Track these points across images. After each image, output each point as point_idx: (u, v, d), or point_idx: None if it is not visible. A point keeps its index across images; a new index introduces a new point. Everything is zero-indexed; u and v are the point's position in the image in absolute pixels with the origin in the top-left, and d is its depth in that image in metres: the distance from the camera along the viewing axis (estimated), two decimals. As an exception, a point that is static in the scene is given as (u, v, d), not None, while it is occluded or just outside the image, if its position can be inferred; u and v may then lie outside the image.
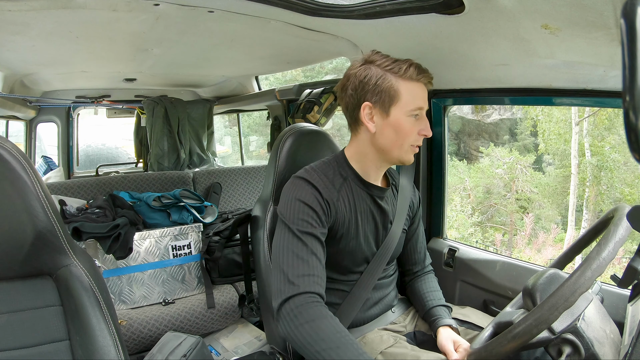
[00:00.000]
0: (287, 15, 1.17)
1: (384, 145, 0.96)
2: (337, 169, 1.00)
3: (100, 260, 1.70)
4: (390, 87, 0.92)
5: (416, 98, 0.94)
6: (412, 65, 0.93)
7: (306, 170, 0.98)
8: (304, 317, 0.81)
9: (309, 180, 0.94)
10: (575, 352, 0.68)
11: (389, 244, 1.04)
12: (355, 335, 1.04)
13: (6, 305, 0.76)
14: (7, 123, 2.86)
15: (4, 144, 0.75)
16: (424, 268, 1.20)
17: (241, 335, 1.82)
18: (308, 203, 0.92)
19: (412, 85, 0.93)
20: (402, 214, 1.08)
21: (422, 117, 0.97)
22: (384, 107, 0.93)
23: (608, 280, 0.88)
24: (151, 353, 1.55)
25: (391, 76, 0.92)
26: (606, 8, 0.68)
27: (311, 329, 0.79)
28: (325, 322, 0.80)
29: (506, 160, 10.87)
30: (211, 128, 3.11)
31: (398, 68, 0.92)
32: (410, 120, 0.94)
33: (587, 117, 9.69)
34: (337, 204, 0.96)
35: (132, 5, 1.13)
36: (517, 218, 10.78)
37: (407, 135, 0.95)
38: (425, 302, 1.10)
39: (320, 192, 0.93)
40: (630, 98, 0.39)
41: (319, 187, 0.93)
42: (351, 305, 1.01)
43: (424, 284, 1.16)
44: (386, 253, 1.04)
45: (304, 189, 0.93)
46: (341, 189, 0.98)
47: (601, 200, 9.66)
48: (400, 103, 0.93)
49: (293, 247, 0.88)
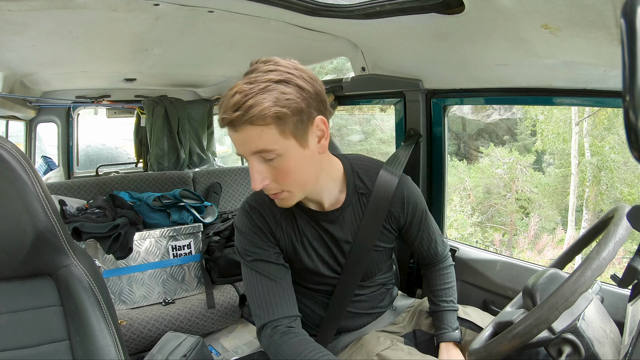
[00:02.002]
0: (287, 15, 1.17)
1: None
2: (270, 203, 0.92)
3: (100, 260, 1.70)
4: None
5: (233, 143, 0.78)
6: (222, 104, 0.73)
7: (248, 202, 0.93)
8: (275, 348, 0.85)
9: (247, 213, 0.91)
10: (575, 352, 0.68)
11: (353, 263, 0.96)
12: (351, 337, 1.04)
13: (6, 305, 0.76)
14: (7, 123, 2.86)
15: (4, 144, 0.75)
16: (438, 260, 1.12)
17: (241, 335, 1.82)
18: (247, 234, 0.91)
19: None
20: (369, 231, 0.95)
21: (251, 165, 0.77)
22: None
23: (608, 280, 0.88)
24: (151, 353, 1.55)
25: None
26: (606, 8, 0.68)
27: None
28: (292, 347, 0.84)
29: (506, 160, 10.87)
30: (211, 128, 3.11)
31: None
32: (249, 164, 0.78)
33: (587, 117, 9.69)
34: (276, 231, 0.92)
35: (132, 5, 1.13)
36: (517, 218, 10.78)
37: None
38: (437, 302, 1.07)
39: (257, 225, 0.90)
40: (630, 98, 0.39)
41: (255, 220, 0.90)
42: (334, 315, 1.01)
43: (437, 276, 1.10)
44: (355, 272, 0.97)
45: (242, 220, 0.92)
46: (283, 215, 0.92)
47: (601, 200, 9.66)
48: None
49: (251, 278, 0.90)
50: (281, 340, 0.85)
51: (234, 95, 0.70)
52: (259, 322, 0.88)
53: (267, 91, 0.70)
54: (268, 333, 0.87)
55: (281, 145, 0.73)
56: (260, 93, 0.70)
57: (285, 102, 0.71)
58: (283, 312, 0.88)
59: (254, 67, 0.75)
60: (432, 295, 1.09)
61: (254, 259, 0.90)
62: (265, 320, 0.87)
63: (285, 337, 0.85)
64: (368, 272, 1.00)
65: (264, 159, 0.75)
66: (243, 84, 0.72)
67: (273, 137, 0.72)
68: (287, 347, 0.83)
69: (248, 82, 0.72)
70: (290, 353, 0.82)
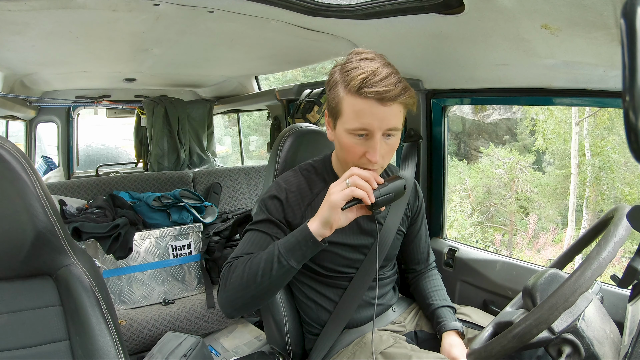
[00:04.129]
0: (287, 15, 1.17)
1: (338, 156, 0.94)
2: (322, 172, 1.00)
3: (100, 260, 1.70)
4: (334, 98, 0.84)
5: (357, 117, 0.81)
6: (362, 75, 0.79)
7: (279, 181, 0.99)
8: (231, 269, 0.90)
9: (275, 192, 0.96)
10: (575, 352, 0.68)
11: (380, 244, 1.02)
12: (354, 335, 1.04)
13: (6, 305, 0.76)
14: (7, 123, 2.87)
15: (4, 144, 0.75)
16: (427, 266, 1.19)
17: (241, 335, 1.82)
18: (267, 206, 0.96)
19: (355, 101, 0.80)
20: (395, 216, 1.04)
21: (371, 137, 0.82)
22: (333, 118, 0.88)
23: (608, 280, 0.88)
24: (151, 353, 1.55)
25: (340, 87, 0.83)
26: (606, 8, 0.68)
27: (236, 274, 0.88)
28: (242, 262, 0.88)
29: (506, 160, 10.86)
30: (211, 128, 3.11)
31: (349, 78, 0.80)
32: (352, 139, 0.83)
33: (587, 117, 9.69)
34: (305, 209, 0.95)
35: (132, 5, 1.13)
36: (517, 218, 10.78)
37: (349, 155, 0.86)
38: (431, 302, 1.10)
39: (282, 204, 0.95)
40: (630, 98, 0.39)
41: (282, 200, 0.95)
42: (347, 303, 1.01)
43: (428, 282, 1.15)
44: (379, 254, 1.02)
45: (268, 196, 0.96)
46: (320, 194, 0.96)
47: (601, 200, 9.65)
48: (342, 119, 0.84)
49: (248, 236, 0.94)
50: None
51: (389, 75, 0.79)
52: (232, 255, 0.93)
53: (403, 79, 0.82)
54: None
55: (401, 126, 0.85)
56: (403, 79, 0.82)
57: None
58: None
59: (370, 53, 0.85)
60: (427, 299, 1.12)
61: (264, 219, 0.93)
62: (236, 254, 0.92)
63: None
64: (388, 256, 1.06)
65: (386, 136, 0.84)
66: (381, 66, 0.80)
67: (401, 118, 0.84)
68: (238, 261, 0.90)
69: (386, 65, 0.81)
70: (238, 264, 0.89)
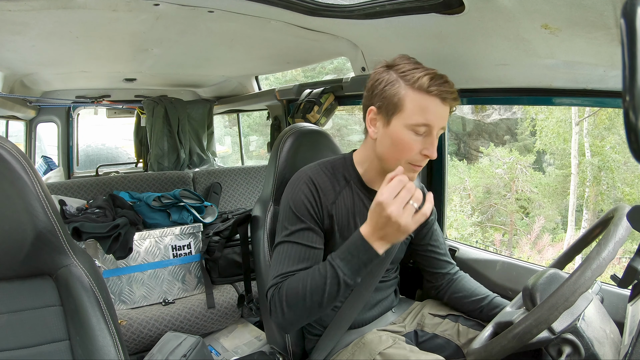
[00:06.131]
0: (287, 15, 1.17)
1: (381, 154, 0.93)
2: (343, 171, 1.00)
3: (100, 260, 1.70)
4: (395, 94, 0.86)
5: (422, 112, 0.85)
6: (427, 74, 0.84)
7: (309, 173, 0.97)
8: (282, 292, 0.86)
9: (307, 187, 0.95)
10: (575, 352, 0.68)
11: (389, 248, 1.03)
12: (354, 336, 1.04)
13: (6, 305, 0.76)
14: (7, 123, 2.87)
15: (4, 144, 0.75)
16: (453, 266, 1.15)
17: (241, 335, 1.82)
18: (297, 209, 0.94)
19: (420, 97, 0.84)
20: None
21: (429, 135, 0.87)
22: (386, 114, 0.88)
23: (608, 280, 0.88)
24: (151, 353, 1.55)
25: (401, 83, 0.86)
26: (606, 8, 0.68)
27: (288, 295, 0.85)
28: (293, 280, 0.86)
29: (506, 160, 10.86)
30: (211, 128, 3.11)
31: (411, 75, 0.85)
32: (410, 135, 0.87)
33: (587, 117, 9.68)
34: (331, 207, 0.96)
35: (132, 5, 1.13)
36: (517, 218, 10.78)
37: (405, 150, 0.88)
38: (484, 295, 1.06)
39: (315, 199, 0.94)
40: (630, 98, 0.39)
41: (314, 193, 0.95)
42: (352, 305, 1.01)
43: (468, 281, 1.12)
44: (387, 257, 1.03)
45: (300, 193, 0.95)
46: (342, 192, 0.98)
47: (601, 200, 9.65)
48: (402, 114, 0.86)
49: (285, 249, 0.92)
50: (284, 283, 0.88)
51: (448, 80, 0.86)
52: (271, 283, 0.90)
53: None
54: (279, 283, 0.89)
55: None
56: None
57: None
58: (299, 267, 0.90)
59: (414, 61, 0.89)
60: (477, 295, 1.07)
61: (300, 229, 0.93)
62: (278, 280, 0.89)
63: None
64: (393, 260, 1.07)
65: (437, 132, 0.89)
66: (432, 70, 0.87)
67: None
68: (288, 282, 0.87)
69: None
70: (292, 285, 0.85)
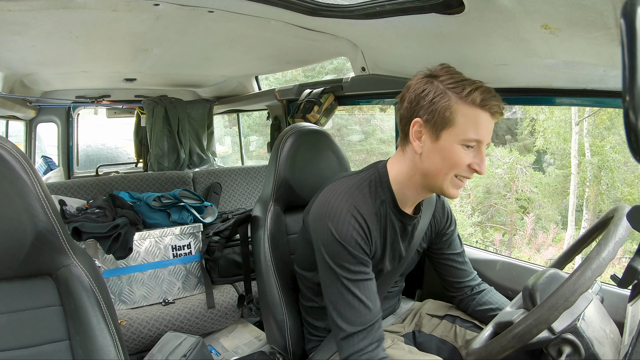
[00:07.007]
0: (287, 15, 1.17)
1: (427, 169, 0.87)
2: (376, 189, 0.92)
3: (100, 260, 1.70)
4: (446, 108, 0.81)
5: (475, 127, 0.82)
6: (478, 88, 0.81)
7: (353, 203, 0.87)
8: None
9: (354, 220, 0.86)
10: (575, 352, 0.68)
11: (404, 262, 1.03)
12: None
13: (6, 305, 0.76)
14: (7, 123, 2.87)
15: (4, 144, 0.75)
16: (477, 279, 1.13)
17: (241, 335, 1.82)
18: (352, 247, 0.85)
19: (472, 111, 0.81)
20: (420, 234, 1.03)
21: (479, 150, 0.85)
22: (435, 128, 0.83)
23: (608, 280, 0.88)
24: (151, 353, 1.55)
25: (452, 96, 0.81)
26: (606, 8, 0.68)
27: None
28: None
29: (506, 160, 10.86)
30: (211, 128, 3.11)
31: (461, 88, 0.81)
32: (460, 150, 0.83)
33: (587, 117, 9.68)
34: (375, 236, 0.90)
35: (132, 5, 1.13)
36: (517, 218, 10.78)
37: (455, 166, 0.84)
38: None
39: (365, 233, 0.87)
40: (630, 98, 0.39)
41: (364, 227, 0.87)
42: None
43: (494, 295, 1.10)
44: (399, 269, 1.03)
45: (348, 227, 0.86)
46: (377, 213, 0.91)
47: (601, 200, 9.65)
48: (454, 129, 0.82)
49: (345, 295, 0.85)
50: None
51: (495, 93, 0.83)
52: (348, 351, 0.85)
53: None
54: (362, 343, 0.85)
55: None
56: None
57: None
58: (376, 336, 0.86)
59: (455, 71, 0.86)
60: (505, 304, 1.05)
61: (358, 279, 0.86)
62: (356, 349, 0.84)
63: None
64: (404, 271, 1.07)
65: (485, 147, 0.86)
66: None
67: None
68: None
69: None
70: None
